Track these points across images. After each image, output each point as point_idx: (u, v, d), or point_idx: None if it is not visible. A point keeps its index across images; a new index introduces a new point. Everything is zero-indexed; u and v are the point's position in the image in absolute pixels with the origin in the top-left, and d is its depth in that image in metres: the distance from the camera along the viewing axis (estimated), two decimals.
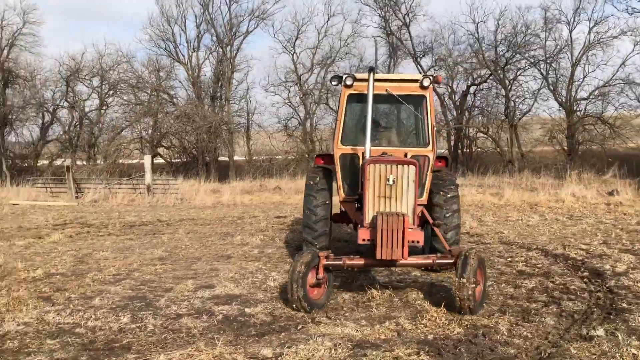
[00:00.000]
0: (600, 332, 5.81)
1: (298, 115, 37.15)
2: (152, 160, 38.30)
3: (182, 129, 36.00)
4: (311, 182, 8.57)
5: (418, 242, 6.78)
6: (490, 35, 34.17)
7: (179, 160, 38.90)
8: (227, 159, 37.60)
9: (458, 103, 36.55)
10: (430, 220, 7.92)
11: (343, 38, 37.13)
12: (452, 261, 6.82)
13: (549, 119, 34.44)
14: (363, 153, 7.65)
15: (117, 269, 9.21)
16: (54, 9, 68.59)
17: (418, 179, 6.95)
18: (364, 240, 6.80)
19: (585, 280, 8.20)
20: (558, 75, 32.90)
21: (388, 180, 6.82)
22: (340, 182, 8.26)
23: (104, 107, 39.73)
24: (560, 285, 7.91)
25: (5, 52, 38.58)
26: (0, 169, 35.81)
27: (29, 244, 12.04)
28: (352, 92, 8.36)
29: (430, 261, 7.09)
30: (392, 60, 36.94)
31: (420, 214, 7.62)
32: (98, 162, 36.42)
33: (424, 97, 8.18)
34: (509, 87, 33.85)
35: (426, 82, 8.00)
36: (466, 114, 36.37)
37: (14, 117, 38.42)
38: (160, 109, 36.93)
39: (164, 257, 10.37)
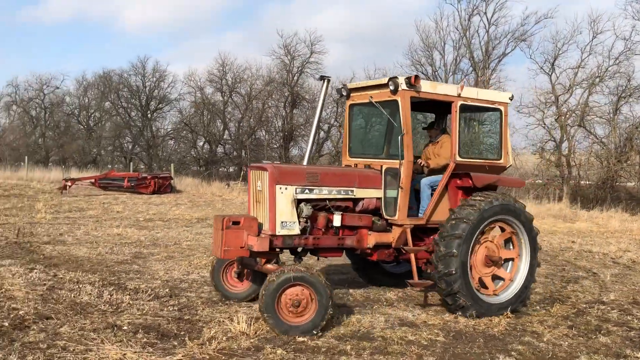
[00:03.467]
0: None
1: (553, 137, 35.74)
2: None
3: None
4: None
5: (252, 246, 6.72)
6: None
7: None
8: None
9: None
10: (410, 243, 7.32)
11: (613, 56, 34.52)
12: None
13: None
14: (367, 165, 7.75)
15: None
16: (336, 38, 77.64)
17: (274, 187, 6.79)
18: None
19: None
20: None
21: (257, 186, 7.09)
22: None
23: (368, 126, 44.12)
24: None
25: (295, 78, 45.99)
26: None
27: None
28: (352, 102, 8.19)
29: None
30: None
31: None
32: None
33: (395, 102, 7.30)
34: None
35: (392, 86, 7.17)
36: None
37: (296, 133, 45.48)
38: (417, 128, 39.50)
39: None
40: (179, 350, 5.59)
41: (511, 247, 7.70)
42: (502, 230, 7.60)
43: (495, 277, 7.61)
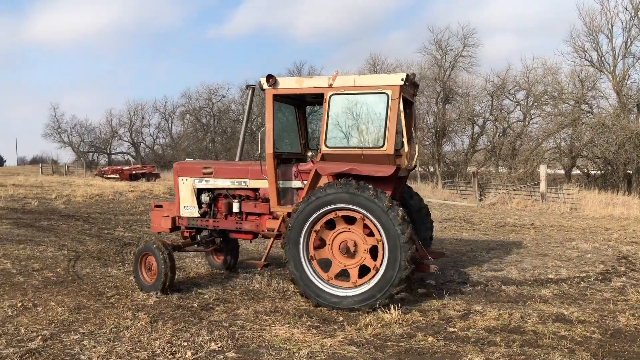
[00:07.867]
0: None
1: None
2: (569, 171, 38.67)
3: (600, 140, 35.28)
4: None
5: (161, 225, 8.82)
6: None
7: (596, 171, 38.03)
8: None
9: None
10: (277, 229, 7.99)
11: None
12: None
13: None
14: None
15: None
16: (501, 29, 74.75)
17: (176, 179, 8.71)
18: None
19: None
20: None
21: None
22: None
23: (527, 119, 42.15)
24: None
25: (448, 72, 45.43)
26: (435, 172, 42.55)
27: None
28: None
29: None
30: None
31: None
32: (520, 170, 39.03)
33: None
34: None
35: (258, 87, 7.98)
36: None
37: (449, 129, 44.87)
38: (579, 119, 37.02)
39: (447, 249, 12.42)
40: (339, 333, 6.21)
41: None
42: (356, 219, 7.11)
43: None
